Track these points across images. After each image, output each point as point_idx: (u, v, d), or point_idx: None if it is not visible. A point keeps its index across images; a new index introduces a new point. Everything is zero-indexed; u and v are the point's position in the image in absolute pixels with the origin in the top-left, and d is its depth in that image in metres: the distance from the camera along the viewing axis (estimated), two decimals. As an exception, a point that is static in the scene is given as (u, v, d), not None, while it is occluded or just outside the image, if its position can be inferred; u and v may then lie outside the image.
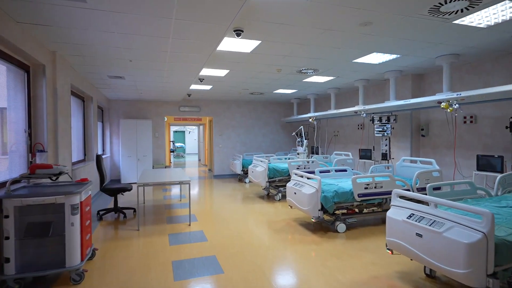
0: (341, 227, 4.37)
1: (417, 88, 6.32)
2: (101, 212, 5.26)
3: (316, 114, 8.45)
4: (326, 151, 9.69)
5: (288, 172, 6.60)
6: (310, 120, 8.72)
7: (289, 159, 8.12)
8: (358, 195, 4.34)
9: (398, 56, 4.87)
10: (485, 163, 4.80)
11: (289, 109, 11.43)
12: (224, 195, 7.25)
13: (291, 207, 4.91)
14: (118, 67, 5.17)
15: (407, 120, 6.37)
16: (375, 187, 4.45)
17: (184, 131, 22.96)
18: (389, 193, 4.54)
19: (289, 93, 8.91)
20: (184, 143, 22.69)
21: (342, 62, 5.21)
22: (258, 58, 4.95)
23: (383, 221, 4.95)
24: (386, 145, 6.30)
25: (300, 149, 8.31)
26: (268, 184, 6.51)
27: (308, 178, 4.56)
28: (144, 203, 6.47)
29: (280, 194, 6.60)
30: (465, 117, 5.47)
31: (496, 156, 4.63)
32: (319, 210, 4.22)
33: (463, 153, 5.51)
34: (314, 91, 8.43)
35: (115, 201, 5.36)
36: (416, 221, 2.59)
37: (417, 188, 4.75)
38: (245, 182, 9.18)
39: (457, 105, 4.57)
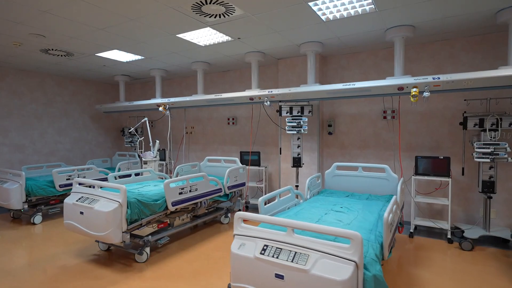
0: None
1: (321, 73, 4.98)
2: None
3: (177, 99, 5.47)
4: (178, 155, 6.81)
5: (165, 204, 3.41)
6: (161, 108, 5.61)
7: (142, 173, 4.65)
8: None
9: (370, 11, 3.17)
10: (426, 166, 4.04)
11: (109, 92, 7.43)
12: (-8, 279, 2.95)
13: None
14: None
15: (314, 114, 4.91)
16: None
17: None
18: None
19: (123, 62, 5.34)
20: None
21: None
22: None
23: None
24: (298, 146, 4.55)
25: (149, 155, 5.07)
26: (128, 235, 3.04)
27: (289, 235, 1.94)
28: None
29: (148, 250, 3.32)
30: (385, 111, 4.64)
31: (442, 157, 3.94)
32: (358, 311, 1.74)
33: (382, 153, 4.68)
34: (172, 63, 5.38)
35: None
36: None
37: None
38: (34, 223, 4.70)
39: (428, 92, 3.46)
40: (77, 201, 3.14)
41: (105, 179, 5.41)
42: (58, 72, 6.09)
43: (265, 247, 1.96)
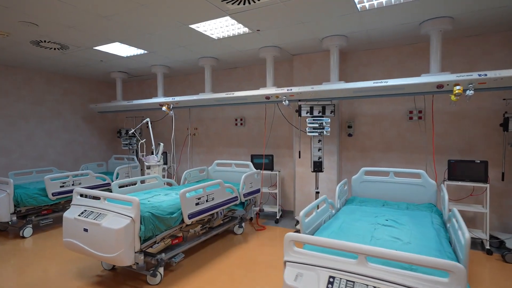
0: None
1: (340, 70, 4.64)
2: None
3: (183, 98, 5.03)
4: (180, 158, 6.34)
5: (181, 217, 2.98)
6: (164, 108, 5.15)
7: (142, 182, 4.16)
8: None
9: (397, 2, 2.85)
10: (461, 171, 3.74)
11: (104, 90, 6.89)
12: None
13: None
14: None
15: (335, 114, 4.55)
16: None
17: None
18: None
19: (123, 57, 4.86)
20: None
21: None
22: None
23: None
24: (319, 149, 4.18)
25: (153, 159, 4.63)
26: (142, 255, 2.60)
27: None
28: None
29: (162, 270, 2.87)
30: (411, 112, 4.32)
31: (478, 161, 3.65)
32: None
33: (407, 157, 4.37)
34: (177, 59, 4.93)
35: None
36: None
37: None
38: (23, 237, 4.17)
39: (472, 91, 3.15)
40: (79, 215, 2.67)
41: (103, 186, 4.93)
42: (49, 68, 5.55)
43: (331, 280, 1.58)
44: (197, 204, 3.12)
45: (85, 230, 2.58)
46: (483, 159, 3.84)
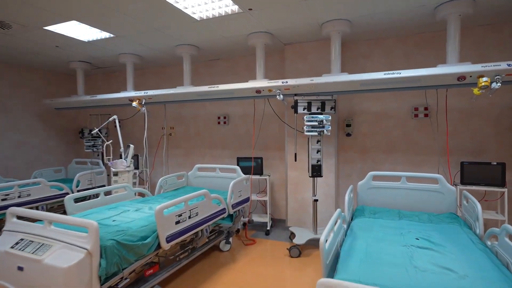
0: None
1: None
2: None
3: (157, 92, 4.30)
4: (154, 162, 5.57)
5: (157, 240, 2.29)
6: (135, 104, 4.40)
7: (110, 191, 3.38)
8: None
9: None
10: (475, 174, 3.36)
11: (62, 84, 5.94)
12: None
13: None
14: None
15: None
16: None
17: None
18: None
19: (84, 42, 4.06)
20: None
21: None
22: None
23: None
24: (318, 150, 3.64)
25: (121, 164, 3.89)
26: (102, 300, 1.91)
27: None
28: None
29: (132, 312, 2.19)
30: (416, 109, 3.91)
31: (495, 163, 3.28)
32: None
33: (413, 159, 3.95)
34: (150, 46, 4.18)
35: None
36: None
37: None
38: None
39: (498, 83, 2.74)
40: (12, 247, 1.92)
41: (60, 197, 4.10)
42: (-9, 54, 4.60)
43: None
44: (177, 222, 2.45)
45: (20, 268, 1.84)
46: (497, 161, 3.49)
